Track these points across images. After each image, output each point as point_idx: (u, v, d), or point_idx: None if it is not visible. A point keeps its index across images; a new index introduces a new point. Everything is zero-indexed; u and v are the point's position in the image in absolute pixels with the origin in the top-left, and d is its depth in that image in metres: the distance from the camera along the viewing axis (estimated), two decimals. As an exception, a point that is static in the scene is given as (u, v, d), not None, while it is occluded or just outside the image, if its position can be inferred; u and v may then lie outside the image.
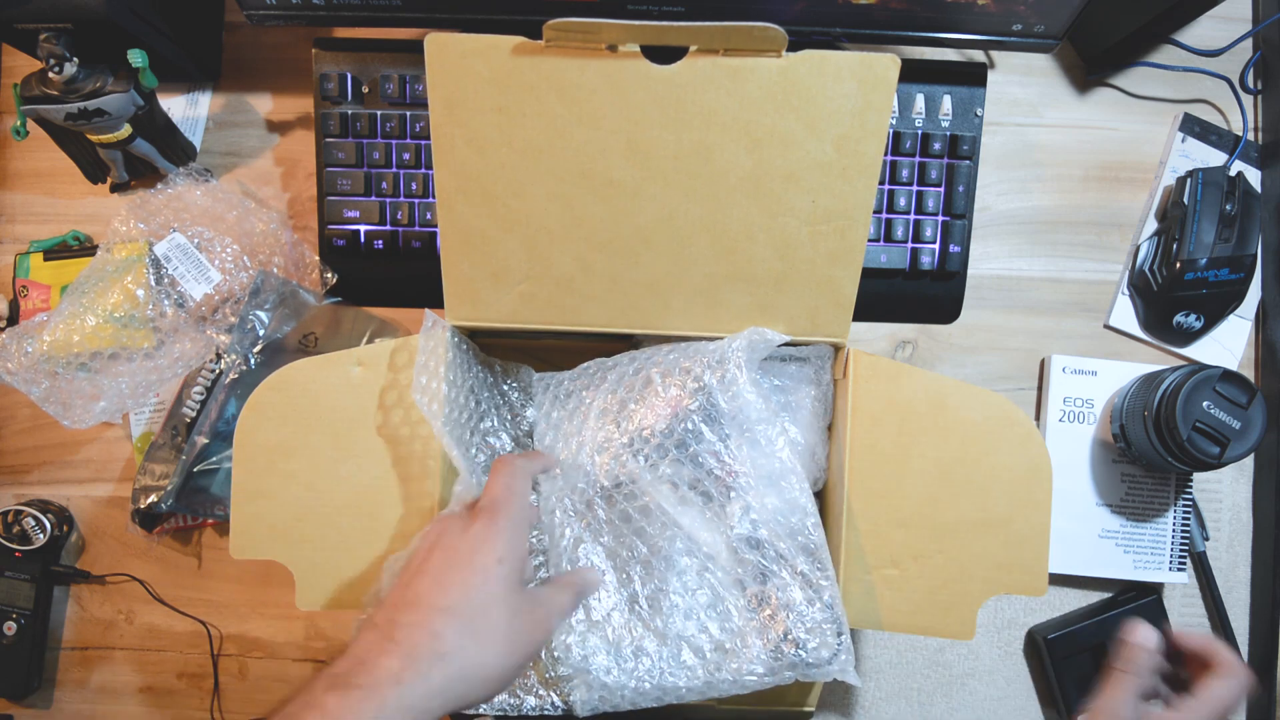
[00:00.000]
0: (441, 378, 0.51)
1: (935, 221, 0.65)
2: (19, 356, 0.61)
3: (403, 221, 0.64)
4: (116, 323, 0.62)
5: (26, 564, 0.65)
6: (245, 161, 0.70)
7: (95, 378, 0.62)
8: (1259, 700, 0.67)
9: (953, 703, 0.67)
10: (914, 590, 0.52)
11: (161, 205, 0.66)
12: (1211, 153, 0.70)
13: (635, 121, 0.49)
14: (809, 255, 0.52)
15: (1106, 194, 0.71)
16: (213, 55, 0.70)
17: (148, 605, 0.68)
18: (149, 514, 0.63)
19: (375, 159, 0.64)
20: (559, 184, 0.50)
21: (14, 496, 0.68)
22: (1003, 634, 0.68)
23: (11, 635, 0.65)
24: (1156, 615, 0.66)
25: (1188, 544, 0.67)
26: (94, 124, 0.61)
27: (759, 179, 0.50)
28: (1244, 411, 0.59)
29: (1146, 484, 0.67)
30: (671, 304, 0.53)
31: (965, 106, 0.65)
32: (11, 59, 0.71)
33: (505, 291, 0.53)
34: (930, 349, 0.69)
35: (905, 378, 0.53)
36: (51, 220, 0.70)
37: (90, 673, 0.68)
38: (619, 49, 0.48)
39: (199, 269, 0.65)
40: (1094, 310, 0.70)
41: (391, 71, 0.64)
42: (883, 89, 0.48)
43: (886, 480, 0.52)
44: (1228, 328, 0.69)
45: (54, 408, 0.61)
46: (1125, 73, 0.71)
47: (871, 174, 0.50)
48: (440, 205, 0.51)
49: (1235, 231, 0.66)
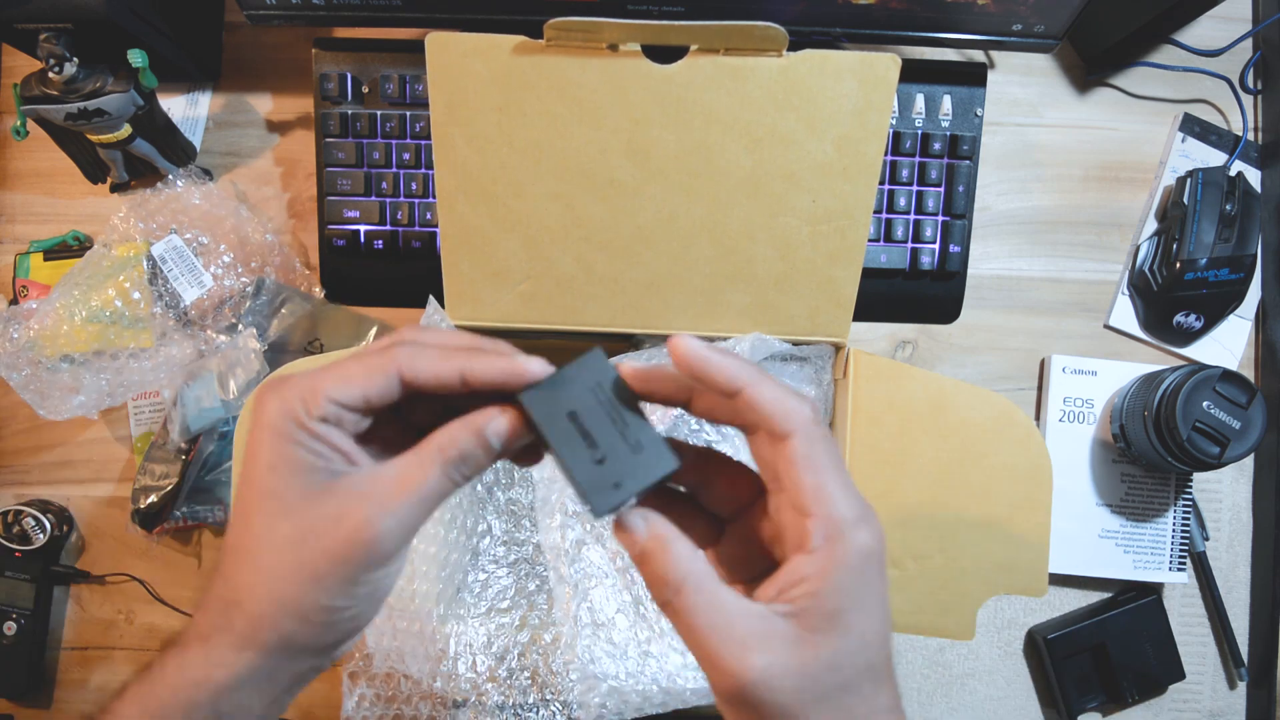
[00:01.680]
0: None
1: (935, 221, 0.65)
2: (3, 342, 0.61)
3: (403, 221, 0.64)
4: (105, 320, 0.62)
5: (26, 564, 0.65)
6: (245, 161, 0.70)
7: (76, 370, 0.62)
8: (1259, 700, 0.67)
9: (953, 703, 0.67)
10: (914, 590, 0.52)
11: (160, 206, 0.66)
12: (1211, 153, 0.70)
13: (636, 121, 0.49)
14: (809, 255, 0.52)
15: (1106, 194, 0.71)
16: (213, 55, 0.70)
17: (148, 605, 0.68)
18: (149, 514, 0.63)
19: (375, 159, 0.64)
20: (559, 184, 0.50)
21: (14, 496, 0.68)
22: (1003, 634, 0.68)
23: (11, 635, 0.65)
24: (1157, 615, 0.66)
25: (1188, 544, 0.67)
26: (94, 124, 0.60)
27: (759, 179, 0.50)
28: (1244, 411, 0.59)
29: (1146, 484, 0.67)
30: (672, 304, 0.53)
31: (965, 106, 0.65)
32: (11, 59, 0.71)
33: (505, 291, 0.53)
34: (930, 349, 0.69)
35: (905, 378, 0.53)
36: (51, 220, 0.70)
37: (90, 673, 0.68)
38: (619, 48, 0.48)
39: (193, 272, 0.65)
40: (1094, 310, 0.70)
41: (391, 71, 0.64)
42: (883, 89, 0.48)
43: (886, 480, 0.52)
44: (1228, 328, 0.69)
45: (31, 396, 0.62)
46: (1125, 73, 0.71)
47: (872, 174, 0.50)
48: (440, 205, 0.51)
49: (1235, 231, 0.66)
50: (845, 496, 0.29)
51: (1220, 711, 0.68)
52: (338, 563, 0.28)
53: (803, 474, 0.29)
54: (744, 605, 0.29)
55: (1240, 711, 0.68)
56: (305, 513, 0.29)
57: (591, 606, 0.51)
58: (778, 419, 0.29)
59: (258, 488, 0.29)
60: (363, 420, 0.31)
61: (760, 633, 0.28)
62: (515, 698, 0.53)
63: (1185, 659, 0.66)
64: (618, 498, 0.29)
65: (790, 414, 0.29)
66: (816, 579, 0.29)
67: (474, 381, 0.30)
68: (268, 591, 0.29)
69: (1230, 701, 0.68)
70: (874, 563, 0.30)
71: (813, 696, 0.28)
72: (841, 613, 0.29)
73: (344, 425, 0.30)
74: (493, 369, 0.30)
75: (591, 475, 0.29)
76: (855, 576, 0.29)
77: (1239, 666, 0.67)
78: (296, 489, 0.29)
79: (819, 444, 0.30)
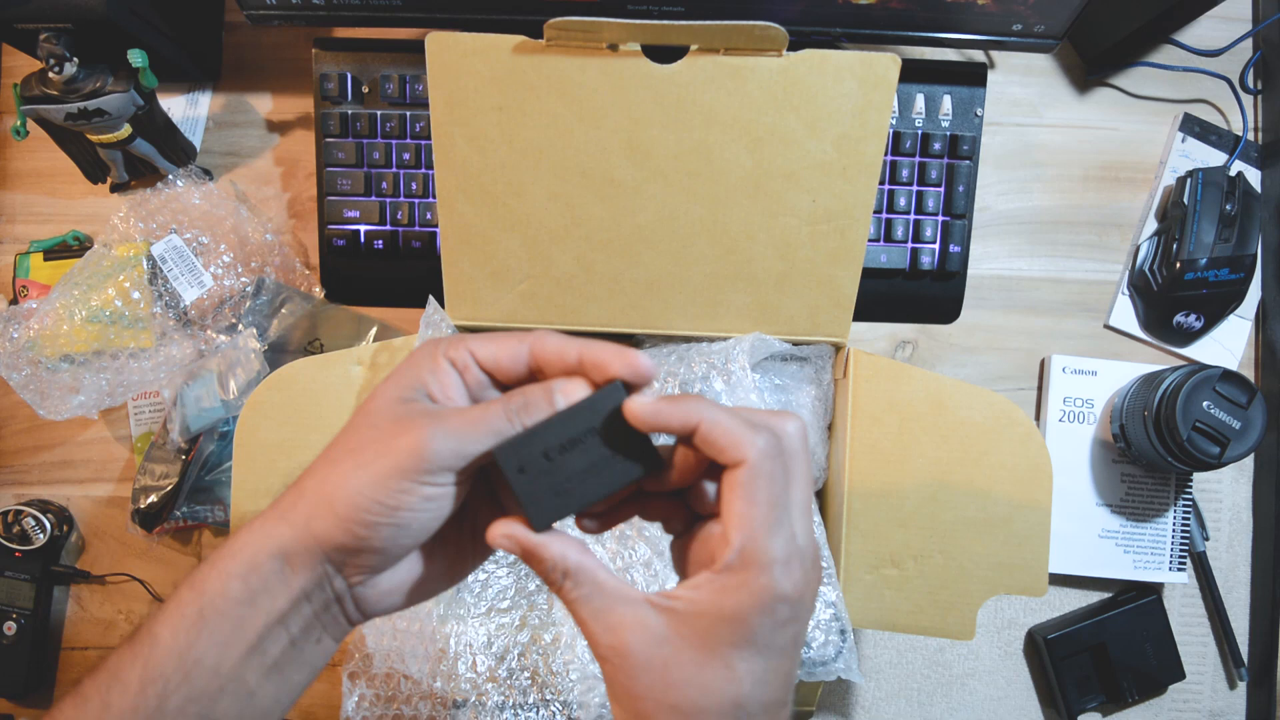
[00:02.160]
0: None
1: (935, 221, 0.65)
2: (3, 342, 0.61)
3: (403, 221, 0.64)
4: (105, 320, 0.62)
5: (26, 564, 0.65)
6: (245, 161, 0.70)
7: (76, 370, 0.62)
8: (1259, 700, 0.67)
9: (953, 703, 0.67)
10: (914, 590, 0.52)
11: (160, 206, 0.66)
12: (1211, 153, 0.70)
13: (636, 121, 0.49)
14: (809, 255, 0.52)
15: (1106, 194, 0.71)
16: (213, 55, 0.70)
17: (148, 605, 0.67)
18: (149, 514, 0.63)
19: (375, 159, 0.64)
20: (559, 183, 0.50)
21: (14, 496, 0.68)
22: (1003, 634, 0.68)
23: (11, 635, 0.65)
24: (1156, 615, 0.66)
25: (1188, 544, 0.67)
26: (94, 124, 0.60)
27: (759, 178, 0.50)
28: (1244, 411, 0.59)
29: (1146, 484, 0.67)
30: (672, 303, 0.53)
31: (965, 106, 0.65)
32: (11, 59, 0.71)
33: (505, 291, 0.53)
34: (930, 349, 0.69)
35: (905, 378, 0.53)
36: (51, 220, 0.70)
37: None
38: (619, 48, 0.48)
39: (192, 272, 0.65)
40: (1094, 310, 0.70)
41: (391, 71, 0.64)
42: (883, 88, 0.48)
43: (886, 480, 0.52)
44: (1228, 328, 0.69)
45: (31, 395, 0.62)
46: (1125, 73, 0.71)
47: (872, 173, 0.50)
48: (441, 205, 0.51)
49: (1235, 231, 0.66)
50: (773, 535, 0.30)
51: (1220, 711, 0.68)
52: (391, 465, 0.31)
53: (734, 500, 0.30)
54: (625, 592, 0.31)
55: (1240, 711, 0.68)
56: (384, 428, 0.32)
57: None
58: (729, 449, 0.30)
59: (363, 409, 0.33)
60: (488, 387, 0.34)
61: (631, 621, 0.30)
62: (515, 698, 0.53)
63: (1185, 659, 0.66)
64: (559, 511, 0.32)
65: (741, 444, 0.30)
66: (706, 596, 0.30)
67: (587, 362, 0.32)
68: (327, 480, 0.32)
69: (1230, 701, 0.68)
70: (781, 607, 0.30)
71: (664, 699, 0.30)
72: (718, 639, 0.30)
73: (467, 376, 0.33)
74: (607, 352, 0.32)
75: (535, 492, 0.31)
76: (749, 613, 0.29)
77: (1239, 666, 0.67)
78: (388, 414, 0.32)
79: (763, 478, 0.30)
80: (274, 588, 0.32)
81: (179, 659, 0.31)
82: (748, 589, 0.29)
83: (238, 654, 0.32)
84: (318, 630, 0.34)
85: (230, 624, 0.32)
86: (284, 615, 0.33)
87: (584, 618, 0.31)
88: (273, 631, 0.32)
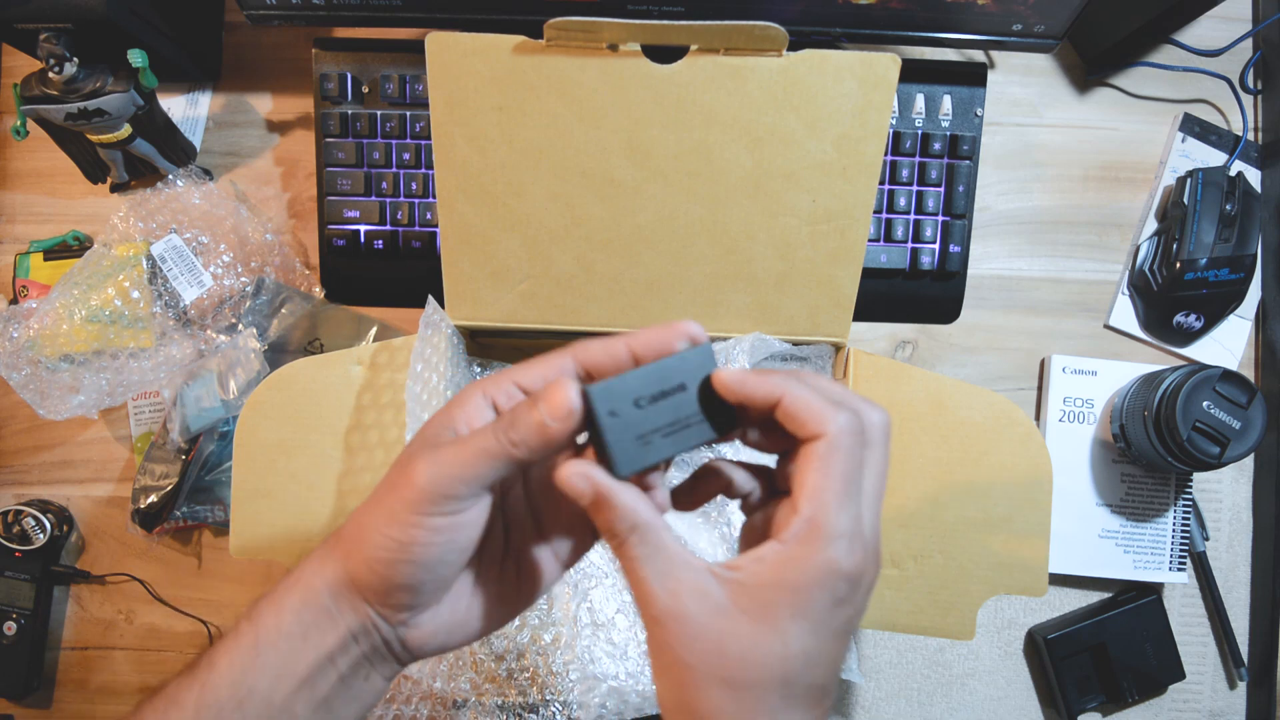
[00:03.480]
0: (434, 366, 0.51)
1: (935, 221, 0.65)
2: (3, 342, 0.61)
3: (403, 221, 0.64)
4: (105, 320, 0.62)
5: (26, 564, 0.65)
6: (245, 161, 0.70)
7: (76, 370, 0.62)
8: (1259, 700, 0.67)
9: (953, 703, 0.67)
10: (914, 590, 0.52)
11: (160, 205, 0.66)
12: (1211, 153, 0.70)
13: (636, 121, 0.49)
14: (809, 255, 0.52)
15: (1106, 194, 0.71)
16: (213, 55, 0.70)
17: (148, 605, 0.68)
18: (149, 514, 0.63)
19: (375, 159, 0.64)
20: (559, 183, 0.50)
21: (14, 496, 0.68)
22: (1003, 634, 0.68)
23: (11, 635, 0.65)
24: (1157, 615, 0.66)
25: (1188, 544, 0.67)
26: (94, 124, 0.60)
27: (759, 178, 0.50)
28: (1244, 411, 0.59)
29: (1146, 484, 0.67)
30: (672, 303, 0.53)
31: (965, 106, 0.65)
32: (11, 59, 0.71)
33: (505, 291, 0.53)
34: (930, 349, 0.69)
35: (905, 378, 0.53)
36: (51, 220, 0.70)
37: (90, 673, 0.68)
38: (619, 48, 0.48)
39: (192, 272, 0.65)
40: (1094, 310, 0.70)
41: (391, 71, 0.64)
42: (883, 88, 0.48)
43: (887, 480, 0.52)
44: (1228, 328, 0.69)
45: (31, 395, 0.62)
46: (1125, 73, 0.71)
47: (872, 173, 0.50)
48: (440, 205, 0.51)
49: (1235, 231, 0.66)
50: (842, 509, 0.29)
51: (1220, 711, 0.68)
52: (396, 499, 0.32)
53: (808, 471, 0.30)
54: (687, 558, 0.30)
55: (1240, 711, 0.68)
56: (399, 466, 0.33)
57: (591, 606, 0.51)
58: (810, 423, 0.30)
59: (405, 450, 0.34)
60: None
61: (691, 586, 0.30)
62: (515, 698, 0.53)
63: (1185, 659, 0.66)
64: (643, 459, 0.31)
65: (822, 418, 0.30)
66: (769, 568, 0.29)
67: (637, 349, 0.32)
68: (356, 520, 0.33)
69: (1230, 701, 0.68)
70: (840, 584, 0.29)
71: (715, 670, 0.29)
72: (777, 610, 0.29)
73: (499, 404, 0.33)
74: (653, 333, 0.32)
75: (622, 438, 0.30)
76: (810, 585, 0.29)
77: (1239, 666, 0.67)
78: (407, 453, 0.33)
79: (839, 453, 0.30)
80: (324, 625, 0.33)
81: (233, 688, 0.32)
82: (810, 561, 0.29)
83: (289, 687, 0.33)
84: (366, 668, 0.34)
85: (282, 657, 0.33)
86: (333, 653, 0.33)
87: (643, 577, 0.30)
88: (323, 668, 0.33)
